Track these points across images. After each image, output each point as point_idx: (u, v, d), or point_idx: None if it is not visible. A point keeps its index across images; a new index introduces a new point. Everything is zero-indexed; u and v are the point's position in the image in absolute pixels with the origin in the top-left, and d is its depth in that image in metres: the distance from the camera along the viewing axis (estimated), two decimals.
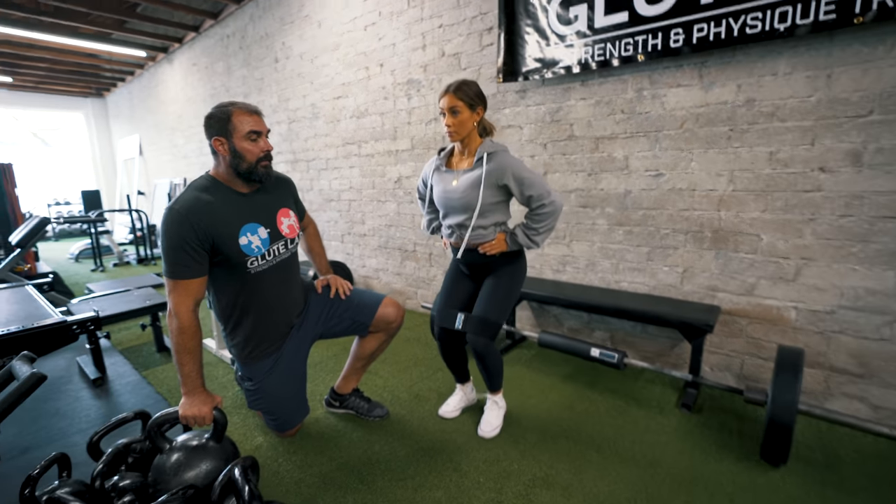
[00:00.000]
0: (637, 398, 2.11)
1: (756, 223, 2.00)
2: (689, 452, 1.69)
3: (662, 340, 2.37)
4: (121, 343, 3.05)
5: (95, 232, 5.75)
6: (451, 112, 1.60)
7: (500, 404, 1.91)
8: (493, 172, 1.61)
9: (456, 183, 1.69)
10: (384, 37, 3.35)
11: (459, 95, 1.59)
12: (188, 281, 1.44)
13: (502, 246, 1.70)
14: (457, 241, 1.77)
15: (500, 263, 1.76)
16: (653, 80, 2.19)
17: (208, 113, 1.48)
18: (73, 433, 1.97)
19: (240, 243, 1.50)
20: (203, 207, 1.44)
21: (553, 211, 1.62)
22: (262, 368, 1.68)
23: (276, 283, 1.64)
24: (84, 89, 9.11)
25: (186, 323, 1.43)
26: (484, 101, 1.65)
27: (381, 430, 1.89)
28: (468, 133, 1.65)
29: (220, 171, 1.53)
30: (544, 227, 1.64)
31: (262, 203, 1.60)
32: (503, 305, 1.73)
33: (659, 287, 2.34)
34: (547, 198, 1.60)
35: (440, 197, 1.75)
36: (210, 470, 1.35)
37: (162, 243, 1.42)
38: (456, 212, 1.72)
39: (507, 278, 1.76)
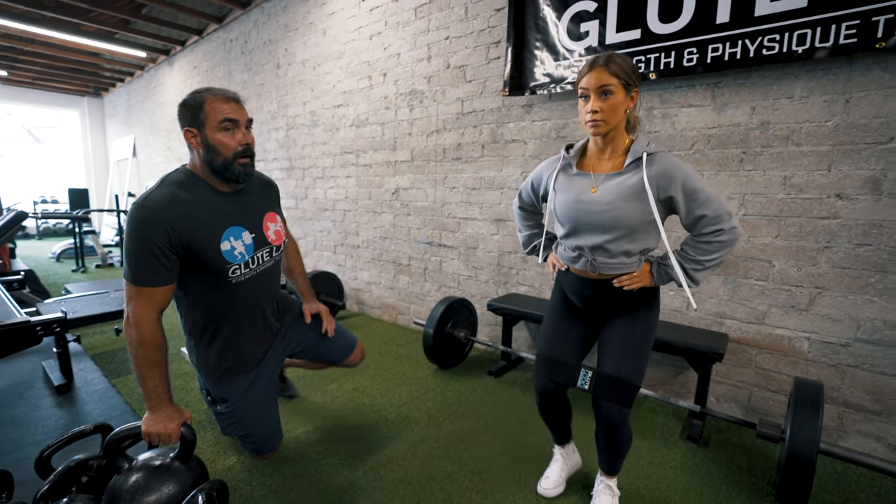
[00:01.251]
0: (639, 428, 1.99)
1: (768, 249, 1.92)
2: (697, 490, 1.57)
3: (666, 368, 2.26)
4: (93, 347, 2.87)
5: (79, 231, 5.57)
6: (601, 93, 1.18)
7: (615, 491, 1.45)
8: (656, 180, 1.19)
9: (598, 191, 1.25)
10: (389, 46, 3.31)
11: (614, 69, 1.17)
12: (153, 289, 1.24)
13: (646, 280, 1.29)
14: (583, 269, 1.33)
15: (632, 301, 1.33)
16: (664, 99, 2.14)
17: (180, 102, 1.30)
18: (26, 445, 1.79)
19: (221, 249, 1.32)
20: (180, 207, 1.25)
21: (731, 240, 1.20)
22: (239, 387, 1.51)
23: (257, 294, 1.48)
24: (82, 88, 9.01)
25: (149, 334, 1.24)
26: (639, 81, 1.24)
27: (366, 454, 1.75)
28: (617, 123, 1.23)
29: (197, 166, 1.34)
30: (714, 260, 1.23)
31: (247, 204, 1.43)
32: (642, 361, 1.31)
33: (664, 312, 2.24)
34: (727, 221, 1.19)
35: (569, 208, 1.30)
36: (173, 494, 1.20)
37: (127, 243, 1.22)
38: (593, 230, 1.27)
39: (644, 324, 1.34)
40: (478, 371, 2.58)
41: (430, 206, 3.18)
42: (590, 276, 1.33)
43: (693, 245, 1.25)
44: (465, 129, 2.91)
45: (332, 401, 2.19)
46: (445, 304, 2.49)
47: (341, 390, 2.31)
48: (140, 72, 7.44)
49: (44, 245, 7.96)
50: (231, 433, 1.56)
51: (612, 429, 1.30)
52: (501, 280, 2.83)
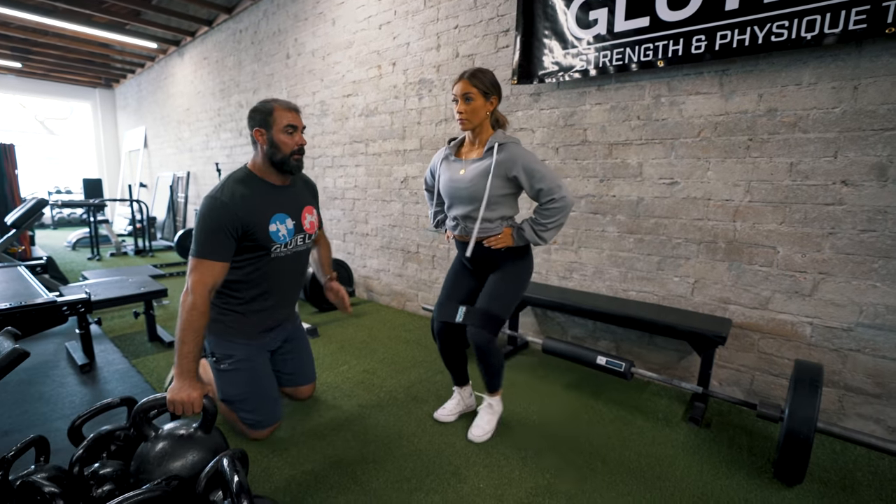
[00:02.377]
0: (643, 410, 2.04)
1: (773, 235, 1.95)
2: (697, 467, 1.62)
3: (670, 352, 2.30)
4: (112, 330, 2.96)
5: (94, 221, 5.69)
6: (465, 98, 1.57)
7: (496, 408, 1.81)
8: (503, 163, 1.57)
9: (463, 172, 1.64)
10: (398, 36, 3.33)
11: (474, 82, 1.56)
12: (213, 262, 1.50)
13: (508, 241, 1.64)
14: (461, 234, 1.73)
15: (505, 259, 1.69)
16: (671, 86, 2.15)
17: (253, 107, 1.63)
18: (55, 418, 1.89)
19: (269, 230, 1.62)
20: (241, 199, 1.56)
21: (563, 206, 1.56)
22: (249, 346, 1.70)
23: (288, 269, 1.75)
24: (93, 79, 9.12)
25: (200, 301, 1.46)
26: (499, 91, 1.61)
27: (378, 430, 1.82)
28: (480, 122, 1.61)
29: (257, 162, 1.66)
30: (553, 222, 1.58)
31: (292, 197, 1.74)
32: (507, 301, 1.67)
33: (668, 297, 2.28)
34: (558, 192, 1.54)
35: (446, 186, 1.70)
36: (197, 461, 1.27)
37: (199, 226, 1.51)
38: (462, 202, 1.67)
39: (513, 275, 1.70)
40: None
41: None
42: (465, 239, 1.71)
43: (538, 212, 1.60)
44: None
45: (343, 381, 2.26)
46: None
47: (352, 372, 2.38)
48: (150, 63, 7.52)
49: (59, 234, 8.13)
50: (230, 394, 1.67)
51: (481, 351, 1.64)
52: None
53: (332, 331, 3.04)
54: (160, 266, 5.12)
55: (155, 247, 6.45)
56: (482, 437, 1.74)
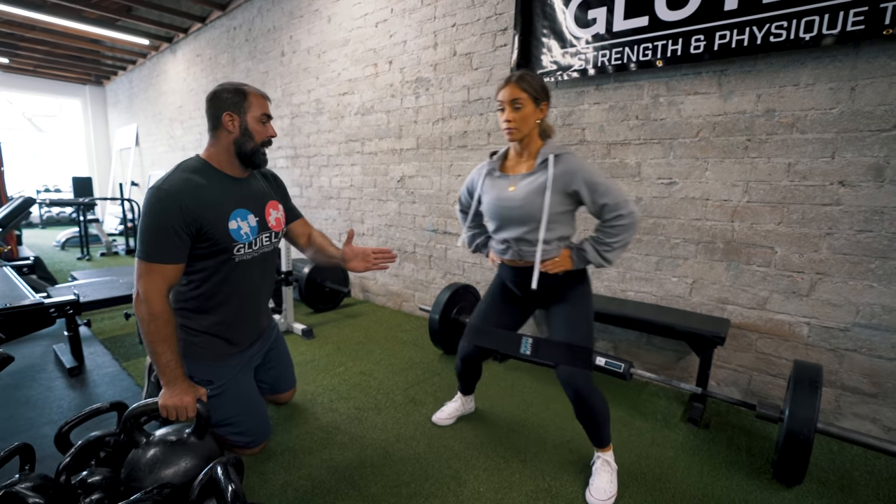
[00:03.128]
0: (641, 411, 2.03)
1: (771, 236, 1.95)
2: (697, 469, 1.61)
3: (668, 352, 2.30)
4: (102, 332, 2.91)
5: (84, 220, 5.59)
6: (513, 106, 1.38)
7: (613, 465, 1.50)
8: (561, 177, 1.38)
9: (514, 189, 1.44)
10: (395, 34, 3.30)
11: (523, 86, 1.37)
12: (165, 266, 1.32)
13: (567, 264, 1.46)
14: (512, 258, 1.52)
15: (565, 285, 1.51)
16: (670, 86, 2.15)
17: (218, 88, 1.43)
18: (42, 424, 1.84)
19: (229, 227, 1.41)
20: (193, 189, 1.35)
21: (630, 224, 1.38)
22: (227, 369, 1.54)
23: (256, 276, 1.55)
24: (83, 76, 8.98)
25: (159, 309, 1.31)
26: (549, 96, 1.45)
27: (375, 433, 1.79)
28: (529, 132, 1.43)
29: (216, 152, 1.46)
30: (619, 241, 1.40)
31: (253, 190, 1.54)
32: (588, 329, 1.47)
33: (667, 298, 2.27)
34: (624, 207, 1.36)
35: (493, 206, 1.49)
36: (190, 468, 1.24)
37: (143, 223, 1.31)
38: (513, 223, 1.46)
39: (581, 300, 1.51)
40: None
41: (435, 193, 3.20)
42: (518, 264, 1.52)
43: (601, 230, 1.43)
44: (472, 116, 2.92)
45: (340, 383, 2.23)
46: (451, 290, 2.53)
47: (349, 373, 2.35)
48: (142, 60, 7.41)
49: (47, 234, 8.00)
50: (215, 419, 1.50)
51: (581, 395, 1.40)
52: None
53: (327, 332, 3.01)
54: None
55: None
56: (608, 502, 1.41)
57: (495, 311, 1.64)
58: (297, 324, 2.99)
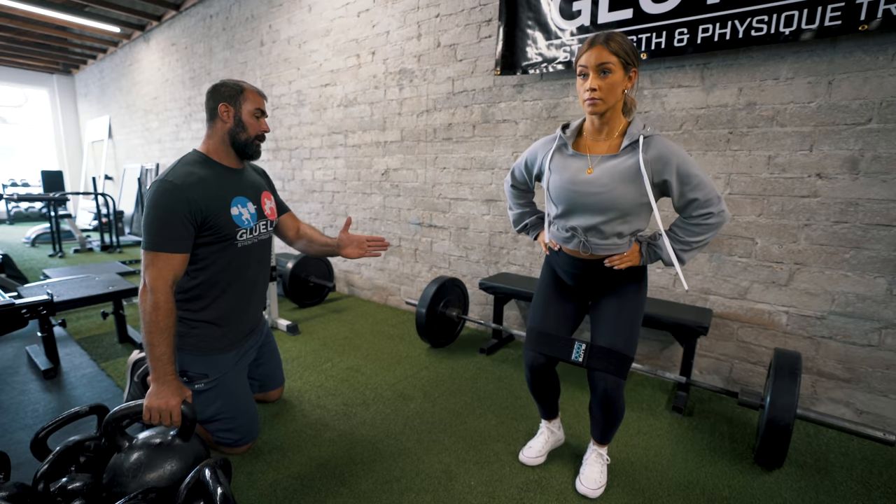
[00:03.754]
0: (627, 400, 2.07)
1: (751, 227, 1.99)
2: (682, 456, 1.65)
3: (652, 342, 2.34)
4: (78, 332, 2.82)
5: (55, 215, 5.38)
6: (600, 71, 1.18)
7: (606, 458, 1.53)
8: (652, 163, 1.21)
9: (593, 172, 1.26)
10: (378, 24, 3.24)
11: (614, 47, 1.16)
12: (171, 255, 1.36)
13: (636, 260, 1.32)
14: (575, 249, 1.36)
15: (621, 279, 1.38)
16: (654, 79, 2.16)
17: (219, 82, 1.54)
18: (16, 429, 1.78)
19: (231, 213, 1.49)
20: (196, 181, 1.42)
21: (719, 223, 1.24)
22: (222, 363, 1.56)
23: (255, 261, 1.63)
24: (50, 64, 8.59)
25: (163, 300, 1.33)
26: (640, 61, 1.25)
27: (364, 429, 1.78)
28: (614, 104, 1.23)
29: (212, 144, 1.54)
30: (701, 241, 1.26)
31: (249, 181, 1.64)
32: (634, 334, 1.36)
33: (651, 288, 2.31)
34: (717, 205, 1.22)
35: (563, 189, 1.31)
36: (175, 471, 1.21)
37: (149, 214, 1.35)
38: (588, 211, 1.29)
39: (634, 300, 1.38)
40: (470, 349, 2.63)
41: (420, 186, 3.18)
42: (581, 256, 1.36)
43: (682, 227, 1.28)
44: (456, 108, 2.89)
45: (327, 379, 2.21)
46: (437, 283, 2.52)
47: (336, 369, 2.33)
48: (114, 48, 7.13)
49: (16, 230, 7.68)
50: (206, 414, 1.52)
51: (608, 400, 1.34)
52: (492, 260, 2.86)
53: (313, 327, 2.98)
54: (129, 262, 4.90)
55: (123, 242, 6.17)
56: (596, 493, 1.43)
57: (554, 311, 1.48)
58: (282, 319, 2.94)
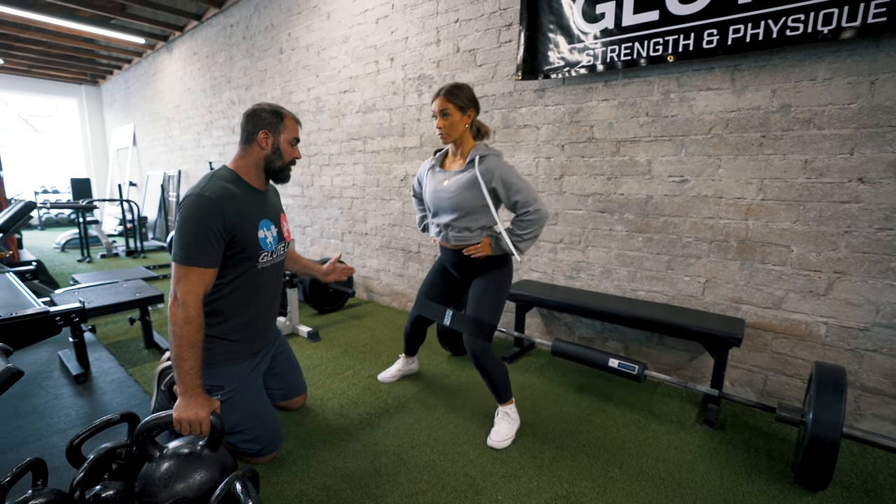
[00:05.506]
0: (655, 413, 2.01)
1: (786, 234, 1.92)
2: (716, 472, 1.59)
3: (680, 352, 2.27)
4: (107, 337, 2.88)
5: (84, 221, 5.54)
6: (442, 114, 1.66)
7: (513, 416, 1.80)
8: (484, 175, 1.64)
9: (447, 183, 1.72)
10: (396, 30, 3.25)
11: (450, 98, 1.64)
12: (203, 269, 1.37)
13: (487, 250, 1.73)
14: (444, 241, 1.83)
15: (487, 267, 1.79)
16: (681, 82, 2.11)
17: (258, 107, 1.52)
18: (51, 433, 1.81)
19: (258, 236, 1.51)
20: (231, 198, 1.42)
21: (538, 219, 1.64)
22: (239, 373, 1.56)
23: (273, 282, 1.65)
24: (79, 76, 8.88)
25: (194, 314, 1.34)
26: (476, 105, 1.69)
27: (388, 439, 1.77)
28: (460, 135, 1.70)
29: (244, 164, 1.54)
30: (529, 234, 1.67)
31: (271, 203, 1.66)
32: (495, 307, 1.75)
33: (679, 297, 2.24)
34: (533, 205, 1.63)
35: (431, 196, 1.79)
36: (205, 481, 1.22)
37: (183, 228, 1.35)
38: (445, 211, 1.75)
39: (496, 282, 1.77)
40: None
41: None
42: (448, 246, 1.82)
43: (515, 223, 1.69)
44: None
45: (349, 388, 2.21)
46: None
47: (357, 377, 2.32)
48: (138, 59, 7.33)
49: (47, 235, 7.94)
50: (227, 427, 1.51)
51: (476, 359, 1.72)
52: (514, 267, 2.83)
53: (333, 334, 2.98)
54: (152, 267, 5.01)
55: (147, 247, 6.32)
56: (502, 444, 1.73)
57: (435, 285, 1.98)
58: (303, 326, 2.96)
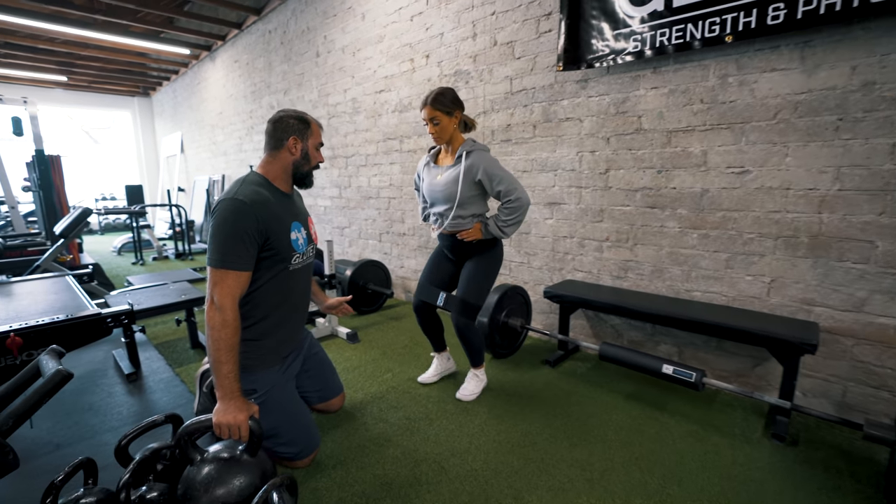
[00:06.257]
0: (716, 424, 1.85)
1: (869, 228, 1.71)
2: (791, 494, 1.43)
3: (742, 359, 2.09)
4: (156, 337, 2.99)
5: (136, 226, 5.84)
6: (432, 122, 1.83)
7: (481, 377, 2.13)
8: (470, 168, 1.83)
9: (440, 177, 1.92)
10: (431, 26, 3.19)
11: (437, 106, 1.81)
12: (239, 272, 1.38)
13: (477, 234, 1.91)
14: (438, 227, 2.00)
15: (478, 250, 1.97)
16: (741, 64, 1.93)
17: (284, 114, 1.54)
18: (104, 431, 1.88)
19: (291, 238, 1.52)
20: (264, 202, 1.44)
21: (520, 206, 1.82)
22: (271, 377, 1.55)
23: (303, 283, 1.65)
24: (132, 88, 9.43)
25: (231, 317, 1.34)
26: (460, 105, 1.86)
27: (428, 446, 1.71)
28: (450, 135, 1.88)
29: (273, 169, 1.55)
30: (513, 219, 1.85)
31: (299, 206, 1.68)
32: (480, 289, 1.95)
33: (739, 298, 2.06)
34: (514, 193, 1.81)
35: (427, 189, 1.98)
36: (244, 487, 1.21)
37: (219, 232, 1.36)
38: (439, 202, 1.94)
39: (484, 264, 1.97)
40: (533, 360, 2.49)
41: None
42: (444, 232, 1.99)
43: (500, 210, 1.87)
44: (515, 108, 2.77)
45: (388, 391, 2.17)
46: (499, 292, 2.41)
47: (397, 380, 2.28)
48: (184, 69, 7.67)
49: (106, 240, 8.46)
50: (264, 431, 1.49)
51: (460, 333, 1.99)
52: (556, 266, 2.71)
53: (372, 335, 2.97)
54: (199, 269, 5.21)
55: (194, 249, 6.60)
56: (469, 397, 2.05)
57: (435, 270, 2.10)
58: (342, 327, 2.96)
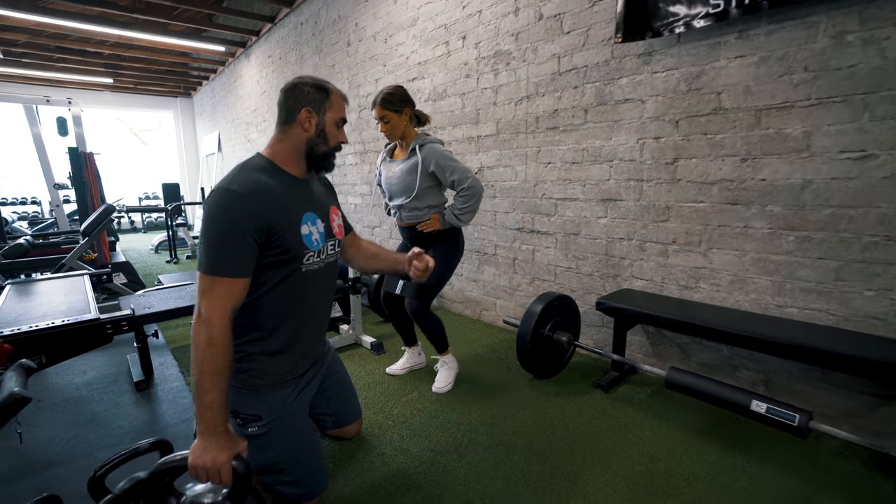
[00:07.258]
0: (826, 481, 1.44)
1: None
2: None
3: (858, 396, 1.65)
4: (174, 341, 2.84)
5: (171, 224, 5.87)
6: (383, 121, 1.88)
7: (450, 363, 2.13)
8: (424, 161, 1.87)
9: (395, 171, 1.95)
10: (468, 4, 2.89)
11: (386, 106, 1.85)
12: (233, 280, 1.12)
13: (436, 224, 1.94)
14: (399, 220, 2.04)
15: (438, 240, 1.99)
16: (863, 18, 1.51)
17: (299, 80, 1.27)
18: (100, 447, 1.71)
19: (301, 232, 1.25)
20: (263, 191, 1.17)
21: (473, 193, 1.86)
22: (276, 402, 1.28)
23: (322, 286, 1.37)
24: (174, 89, 9.67)
25: (220, 334, 1.08)
26: (410, 103, 1.89)
27: (457, 489, 1.40)
28: (402, 132, 1.92)
29: (281, 149, 1.29)
30: (468, 207, 1.89)
31: (318, 193, 1.39)
32: (438, 277, 1.95)
33: (854, 318, 1.63)
34: (466, 182, 1.85)
35: (385, 183, 2.03)
36: None
37: (208, 229, 1.12)
38: (396, 195, 1.98)
39: (442, 252, 1.97)
40: (582, 383, 2.14)
41: (519, 185, 2.75)
42: (403, 224, 2.04)
43: (456, 199, 1.90)
44: (563, 91, 2.42)
45: (412, 414, 1.88)
46: (544, 301, 2.07)
47: (423, 401, 1.99)
48: (221, 68, 7.74)
49: (147, 238, 8.71)
50: (262, 463, 1.27)
51: (415, 317, 2.00)
52: (610, 273, 2.34)
53: (398, 345, 2.69)
54: None
55: None
56: (444, 389, 2.06)
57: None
58: (366, 336, 2.70)
